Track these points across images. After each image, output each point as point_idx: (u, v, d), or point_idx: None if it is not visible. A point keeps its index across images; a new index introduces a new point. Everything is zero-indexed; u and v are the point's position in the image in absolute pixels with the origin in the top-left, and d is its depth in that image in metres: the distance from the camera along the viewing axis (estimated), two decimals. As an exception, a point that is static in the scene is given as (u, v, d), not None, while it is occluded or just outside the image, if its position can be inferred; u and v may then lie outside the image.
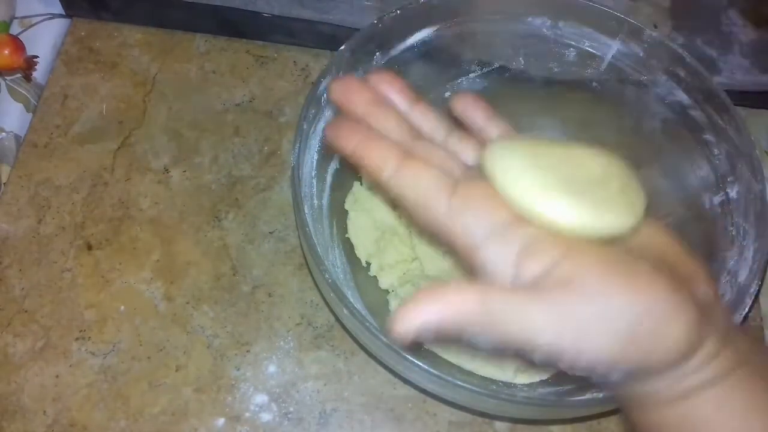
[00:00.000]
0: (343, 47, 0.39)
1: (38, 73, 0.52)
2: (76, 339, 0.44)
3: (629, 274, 0.25)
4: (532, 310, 0.24)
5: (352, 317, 0.34)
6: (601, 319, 0.24)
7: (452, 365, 0.42)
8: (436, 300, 0.25)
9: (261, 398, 0.43)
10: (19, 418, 0.42)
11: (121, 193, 0.49)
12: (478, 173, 0.29)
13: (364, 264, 0.45)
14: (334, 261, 0.42)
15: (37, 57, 0.51)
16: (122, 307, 0.45)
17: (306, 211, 0.37)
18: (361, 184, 0.46)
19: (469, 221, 0.27)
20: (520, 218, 0.26)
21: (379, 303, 0.44)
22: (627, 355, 0.24)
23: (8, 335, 0.44)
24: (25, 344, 0.44)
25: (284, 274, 0.46)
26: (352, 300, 0.35)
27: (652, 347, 0.25)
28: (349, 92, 0.31)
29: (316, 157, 0.41)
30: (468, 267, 0.27)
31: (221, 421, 0.42)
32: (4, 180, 0.49)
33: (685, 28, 0.50)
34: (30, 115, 0.52)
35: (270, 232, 0.48)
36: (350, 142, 0.29)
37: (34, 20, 0.55)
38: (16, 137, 0.51)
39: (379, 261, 0.44)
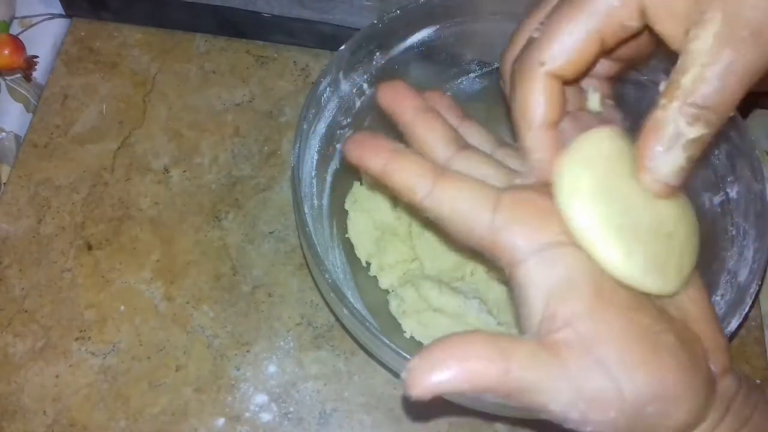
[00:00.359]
0: (343, 47, 0.39)
1: (38, 73, 0.52)
2: (76, 339, 0.44)
3: (652, 347, 0.24)
4: (550, 378, 0.23)
5: (352, 317, 0.34)
6: (615, 394, 0.23)
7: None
8: (457, 364, 0.23)
9: (261, 398, 0.43)
10: (19, 418, 0.42)
11: (121, 193, 0.49)
12: (526, 181, 0.28)
13: (364, 264, 0.45)
14: (334, 261, 0.42)
15: (37, 57, 0.51)
16: (122, 307, 0.45)
17: (306, 211, 0.37)
18: (361, 184, 0.46)
19: (515, 236, 0.25)
20: (565, 241, 0.25)
21: (379, 303, 0.44)
22: (629, 430, 0.24)
23: (8, 335, 0.44)
24: (25, 344, 0.44)
25: (284, 274, 0.46)
26: (352, 300, 0.35)
27: (654, 426, 0.24)
28: (399, 97, 0.30)
29: (316, 157, 0.41)
30: (507, 281, 0.26)
31: (221, 421, 0.42)
32: (4, 180, 0.49)
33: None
34: (30, 115, 0.52)
35: (270, 232, 0.48)
36: (378, 160, 0.27)
37: (34, 20, 0.55)
38: (16, 137, 0.51)
39: (379, 261, 0.44)
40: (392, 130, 0.48)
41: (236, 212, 0.48)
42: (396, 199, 0.46)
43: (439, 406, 0.25)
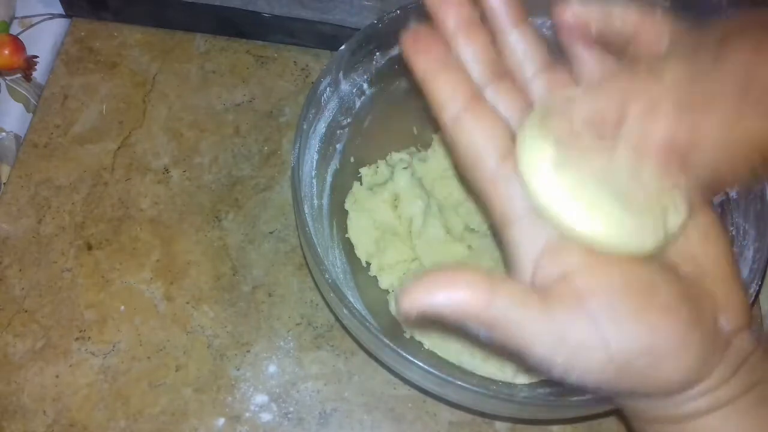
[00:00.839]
0: (343, 47, 0.39)
1: (38, 73, 0.52)
2: (76, 339, 0.44)
3: (644, 304, 0.24)
4: (534, 321, 0.24)
5: (352, 317, 0.34)
6: (600, 344, 0.23)
7: (452, 365, 0.42)
8: (446, 287, 0.24)
9: (261, 398, 0.43)
10: (19, 418, 0.42)
11: (121, 193, 0.49)
12: None
13: (364, 264, 0.45)
14: (334, 261, 0.42)
15: (37, 57, 0.51)
16: (122, 307, 0.45)
17: (306, 211, 0.37)
18: (361, 184, 0.46)
19: (511, 192, 0.25)
20: None
21: (379, 303, 0.44)
22: (618, 381, 0.24)
23: (8, 335, 0.44)
24: (25, 344, 0.44)
25: (284, 274, 0.46)
26: (352, 300, 0.35)
27: (645, 379, 0.24)
28: (449, 1, 0.28)
29: (316, 157, 0.41)
30: (497, 238, 0.27)
31: (221, 421, 0.42)
32: (4, 180, 0.49)
33: (685, 28, 0.50)
34: (30, 115, 0.52)
35: (270, 232, 0.48)
36: (425, 61, 0.27)
37: (34, 20, 0.55)
38: (16, 137, 0.51)
39: (379, 261, 0.44)
40: (392, 130, 0.47)
41: (236, 212, 0.48)
42: (395, 199, 0.46)
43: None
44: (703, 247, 0.26)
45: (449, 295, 0.24)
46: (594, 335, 0.23)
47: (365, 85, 0.42)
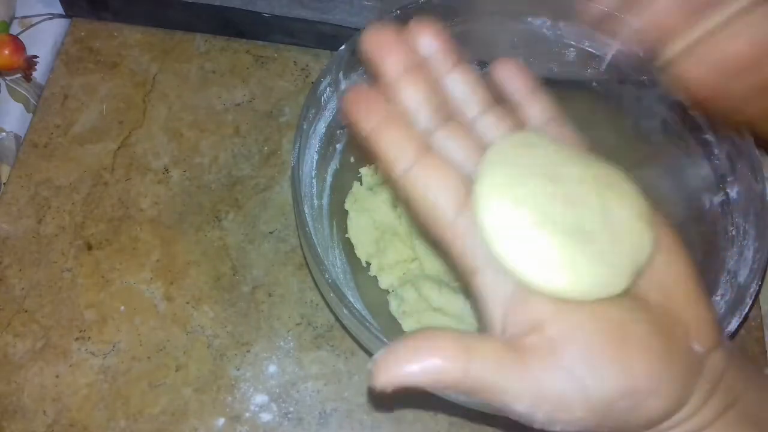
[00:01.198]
0: (343, 47, 0.39)
1: (38, 73, 0.52)
2: (76, 339, 0.44)
3: (618, 346, 0.24)
4: (512, 382, 0.23)
5: (352, 317, 0.34)
6: (580, 395, 0.23)
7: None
8: (419, 359, 0.23)
9: (261, 398, 0.43)
10: (19, 418, 0.42)
11: (121, 193, 0.49)
12: None
13: (364, 264, 0.45)
14: (334, 261, 0.42)
15: (37, 57, 0.51)
16: (122, 307, 0.45)
17: (306, 211, 0.37)
18: (361, 184, 0.46)
19: (471, 242, 0.25)
20: None
21: (379, 303, 0.44)
22: (601, 425, 0.24)
23: (8, 335, 0.44)
24: (25, 344, 0.44)
25: (284, 274, 0.46)
26: (352, 300, 0.35)
27: (628, 418, 0.24)
28: (386, 49, 0.27)
29: (316, 157, 0.41)
30: (464, 282, 0.26)
31: (221, 421, 0.42)
32: (4, 180, 0.49)
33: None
34: (30, 115, 0.52)
35: (270, 232, 0.48)
36: (369, 121, 0.26)
37: (34, 20, 0.55)
38: (16, 137, 0.51)
39: (379, 261, 0.44)
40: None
41: (236, 212, 0.48)
42: (395, 198, 0.46)
43: (405, 398, 0.25)
44: (666, 269, 0.26)
45: (423, 367, 0.23)
46: (573, 387, 0.23)
47: (365, 85, 0.42)
